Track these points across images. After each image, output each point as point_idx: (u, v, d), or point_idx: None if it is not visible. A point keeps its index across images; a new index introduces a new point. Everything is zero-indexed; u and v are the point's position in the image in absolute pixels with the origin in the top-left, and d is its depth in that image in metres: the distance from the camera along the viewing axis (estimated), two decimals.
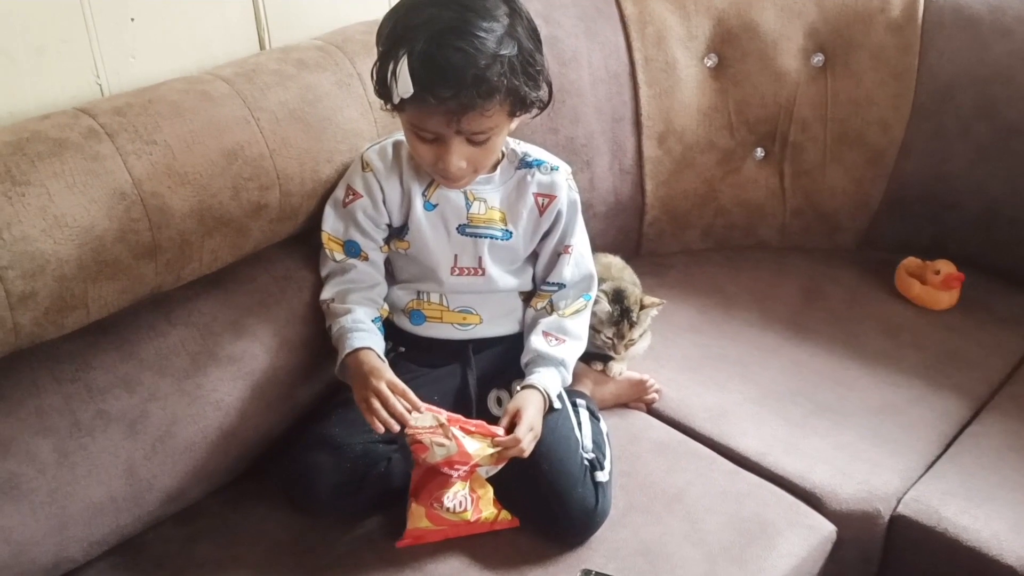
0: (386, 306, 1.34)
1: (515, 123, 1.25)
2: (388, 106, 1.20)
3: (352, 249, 1.31)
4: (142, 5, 1.30)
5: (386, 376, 1.19)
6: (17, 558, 1.10)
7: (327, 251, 1.32)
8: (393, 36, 1.16)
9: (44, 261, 1.06)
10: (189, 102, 1.19)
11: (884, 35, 1.71)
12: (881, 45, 1.71)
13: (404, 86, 1.12)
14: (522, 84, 1.17)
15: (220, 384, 1.25)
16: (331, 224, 1.31)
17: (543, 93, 1.22)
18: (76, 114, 1.14)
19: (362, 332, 1.26)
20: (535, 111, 1.24)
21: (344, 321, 1.27)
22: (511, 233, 1.34)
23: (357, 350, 1.23)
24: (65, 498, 1.13)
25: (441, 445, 1.15)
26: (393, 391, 1.17)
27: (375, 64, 1.20)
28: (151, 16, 1.31)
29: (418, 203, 1.30)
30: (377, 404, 1.16)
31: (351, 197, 1.30)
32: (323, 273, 1.34)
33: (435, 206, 1.31)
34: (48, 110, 1.17)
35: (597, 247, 1.59)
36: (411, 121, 1.19)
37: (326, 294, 1.32)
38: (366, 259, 1.32)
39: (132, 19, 1.29)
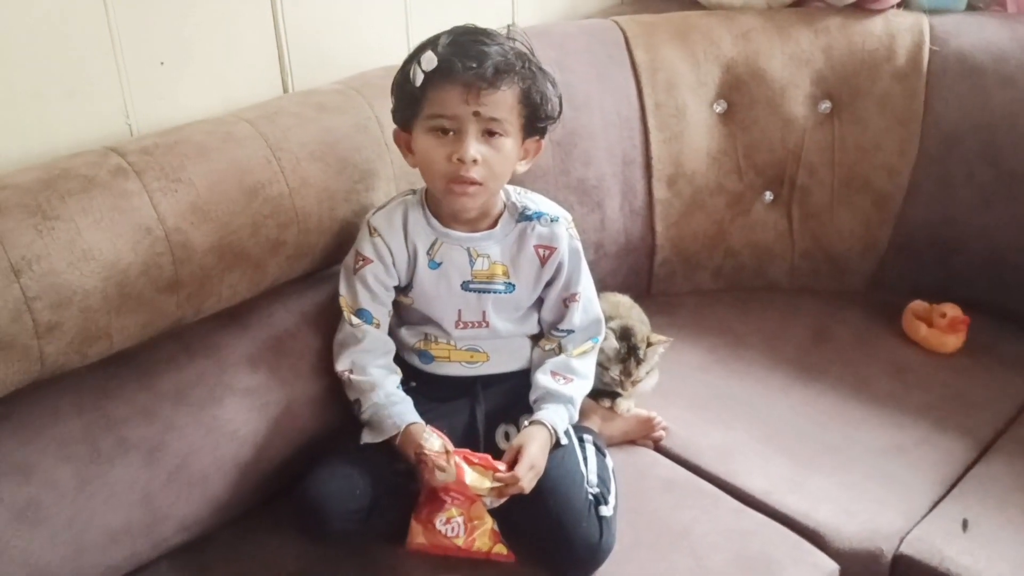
0: (400, 373, 1.36)
1: (524, 163, 1.31)
2: (402, 125, 1.28)
3: (365, 317, 1.33)
4: (171, 49, 1.36)
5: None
6: None
7: (344, 313, 1.33)
8: (416, 49, 1.26)
9: (71, 293, 1.10)
10: (214, 142, 1.24)
11: (890, 83, 1.74)
12: (887, 93, 1.75)
13: (428, 61, 1.21)
14: (535, 79, 1.26)
15: (236, 416, 1.28)
16: (345, 289, 1.34)
17: (555, 99, 1.30)
18: (106, 152, 1.19)
19: (399, 406, 1.28)
20: (546, 126, 1.31)
21: (376, 398, 1.28)
22: (514, 286, 1.36)
23: (407, 427, 1.26)
24: (83, 524, 1.16)
25: (442, 471, 1.19)
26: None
27: (393, 85, 1.28)
28: (179, 60, 1.37)
29: (422, 262, 1.33)
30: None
31: (361, 263, 1.32)
32: (337, 338, 1.35)
33: (439, 264, 1.33)
34: (79, 149, 1.22)
35: (608, 286, 1.63)
36: (430, 112, 1.23)
37: (342, 365, 1.33)
38: (378, 326, 1.34)
39: (161, 63, 1.35)
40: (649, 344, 1.49)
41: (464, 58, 1.20)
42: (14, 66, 1.21)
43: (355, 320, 1.33)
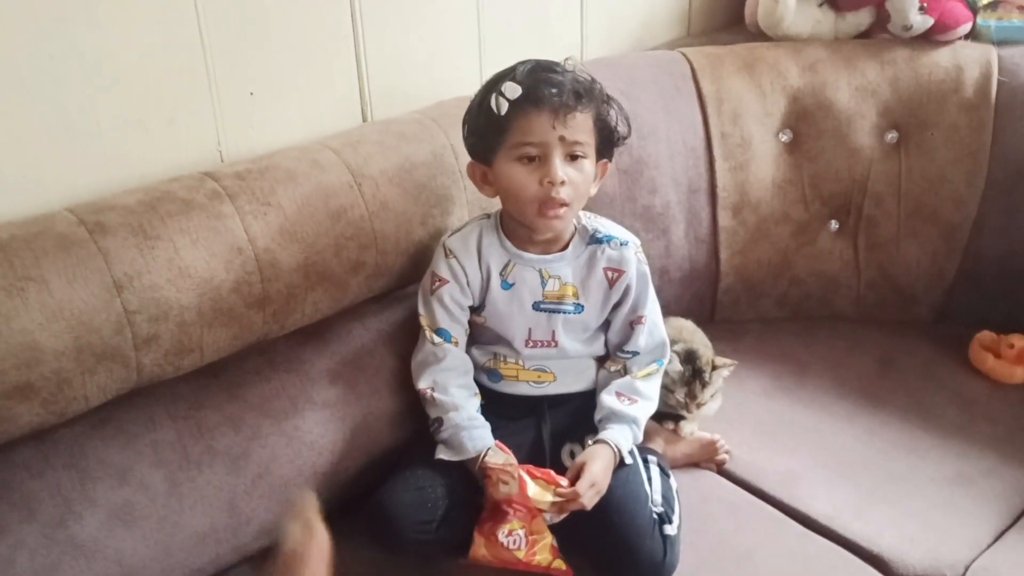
0: (480, 396, 1.40)
1: (593, 185, 1.35)
2: (481, 158, 1.33)
3: (444, 335, 1.38)
4: (260, 82, 1.43)
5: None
6: None
7: (424, 331, 1.38)
8: (489, 83, 1.32)
9: (168, 308, 1.17)
10: (301, 169, 1.31)
11: (957, 115, 1.75)
12: (955, 124, 1.76)
13: (512, 90, 1.26)
14: (607, 103, 1.33)
15: (316, 427, 1.34)
16: (423, 309, 1.39)
17: (624, 122, 1.36)
18: (202, 178, 1.26)
19: (479, 430, 1.32)
20: (612, 150, 1.37)
21: (458, 419, 1.32)
22: (583, 307, 1.40)
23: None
24: (173, 526, 1.22)
25: (505, 484, 1.23)
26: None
27: (468, 119, 1.35)
28: (268, 92, 1.44)
29: (496, 283, 1.38)
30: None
31: (438, 283, 1.37)
32: (417, 358, 1.39)
33: (512, 285, 1.38)
34: (175, 174, 1.30)
35: (672, 312, 1.65)
36: (515, 141, 1.28)
37: (424, 383, 1.37)
38: (457, 344, 1.39)
39: (251, 94, 1.43)
40: (714, 367, 1.51)
41: (546, 85, 1.26)
42: (120, 97, 1.29)
43: (436, 339, 1.37)
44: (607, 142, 1.35)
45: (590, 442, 1.34)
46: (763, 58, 1.81)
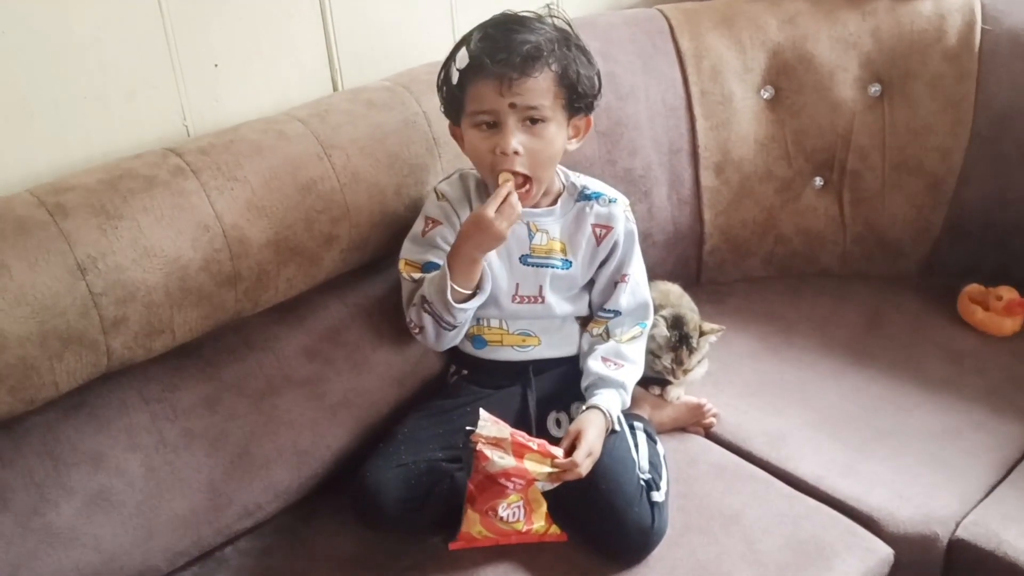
0: None
1: (575, 141, 1.33)
2: (453, 121, 1.32)
3: (430, 269, 1.34)
4: (224, 52, 1.39)
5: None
6: (107, 565, 1.18)
7: (404, 275, 1.35)
8: (457, 44, 1.30)
9: (135, 288, 1.14)
10: (267, 141, 1.28)
11: (941, 64, 1.72)
12: (938, 74, 1.72)
13: (461, 60, 1.25)
14: (570, 58, 1.28)
15: (294, 405, 1.32)
16: (409, 252, 1.36)
17: (592, 76, 1.31)
18: (165, 153, 1.23)
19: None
20: (592, 103, 1.32)
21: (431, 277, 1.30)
22: (571, 263, 1.39)
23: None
24: (151, 510, 1.21)
25: (502, 457, 1.21)
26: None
27: (438, 84, 1.32)
28: (233, 62, 1.41)
29: None
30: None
31: (430, 226, 1.36)
32: (404, 300, 1.37)
33: None
34: (139, 150, 1.26)
35: (657, 275, 1.63)
36: (470, 108, 1.27)
37: (412, 314, 1.34)
38: None
39: (215, 65, 1.39)
40: (702, 333, 1.49)
41: (493, 51, 1.23)
42: (78, 71, 1.26)
43: (417, 275, 1.34)
44: (579, 98, 1.31)
45: (583, 408, 1.32)
46: (742, 12, 1.77)
